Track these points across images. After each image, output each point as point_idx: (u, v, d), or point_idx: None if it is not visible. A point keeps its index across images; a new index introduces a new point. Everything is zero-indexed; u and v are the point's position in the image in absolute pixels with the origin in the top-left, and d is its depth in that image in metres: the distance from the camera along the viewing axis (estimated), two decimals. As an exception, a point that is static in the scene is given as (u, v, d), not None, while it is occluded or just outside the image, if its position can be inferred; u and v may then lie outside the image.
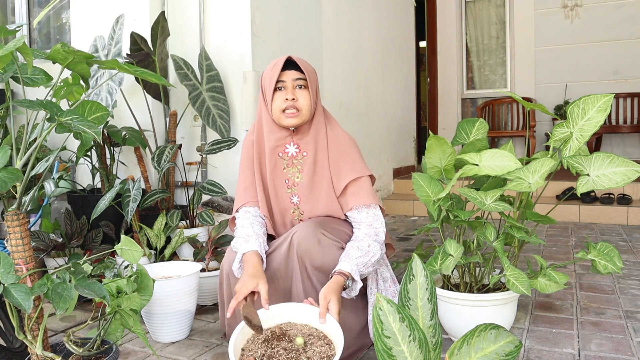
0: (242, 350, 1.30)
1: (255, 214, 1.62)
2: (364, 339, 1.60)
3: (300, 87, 1.56)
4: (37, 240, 2.09)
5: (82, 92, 1.50)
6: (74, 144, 2.58)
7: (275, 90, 1.56)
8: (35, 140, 1.26)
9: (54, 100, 1.34)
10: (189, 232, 2.26)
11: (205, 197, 2.57)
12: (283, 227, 1.66)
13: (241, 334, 1.32)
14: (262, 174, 1.64)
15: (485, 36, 6.19)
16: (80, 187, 2.57)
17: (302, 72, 1.55)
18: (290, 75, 1.54)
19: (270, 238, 1.66)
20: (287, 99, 1.53)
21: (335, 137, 1.63)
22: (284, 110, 1.54)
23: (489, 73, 6.23)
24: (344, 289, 1.40)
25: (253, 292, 1.36)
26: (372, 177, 1.62)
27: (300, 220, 1.64)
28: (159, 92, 2.54)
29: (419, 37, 6.02)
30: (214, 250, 2.12)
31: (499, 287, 1.65)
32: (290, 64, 1.56)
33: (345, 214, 1.62)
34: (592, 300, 2.01)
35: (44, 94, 1.60)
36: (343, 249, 1.54)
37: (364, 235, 1.53)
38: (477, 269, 1.70)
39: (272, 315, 1.37)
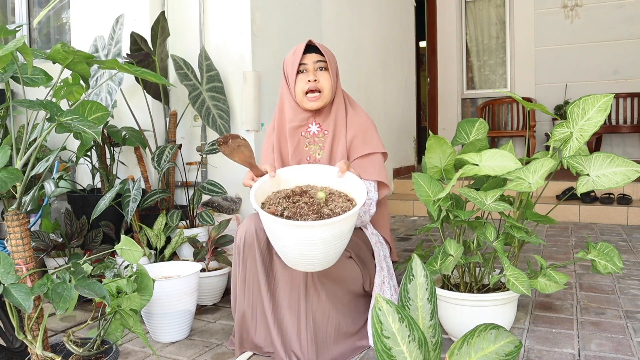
0: (262, 204, 1.27)
1: None
2: (361, 340, 1.61)
3: (321, 69, 1.64)
4: (37, 240, 2.09)
5: (82, 92, 1.50)
6: (74, 144, 2.58)
7: (297, 73, 1.64)
8: (35, 140, 1.26)
9: (54, 100, 1.34)
10: (189, 232, 2.26)
11: (205, 197, 2.57)
12: None
13: (260, 189, 1.28)
14: (282, 155, 1.70)
15: (485, 36, 6.19)
16: (80, 187, 2.57)
17: (322, 54, 1.63)
18: (311, 57, 1.63)
19: None
20: (309, 81, 1.61)
21: (354, 116, 1.71)
22: (306, 93, 1.62)
23: (489, 73, 6.23)
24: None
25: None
26: (384, 154, 1.70)
27: None
28: (159, 92, 2.54)
29: (419, 37, 6.02)
30: (214, 250, 2.12)
31: (499, 287, 1.64)
32: (310, 48, 1.65)
33: None
34: (592, 300, 2.01)
35: (44, 94, 1.60)
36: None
37: None
38: (477, 269, 1.70)
39: (290, 177, 1.35)
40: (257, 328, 1.57)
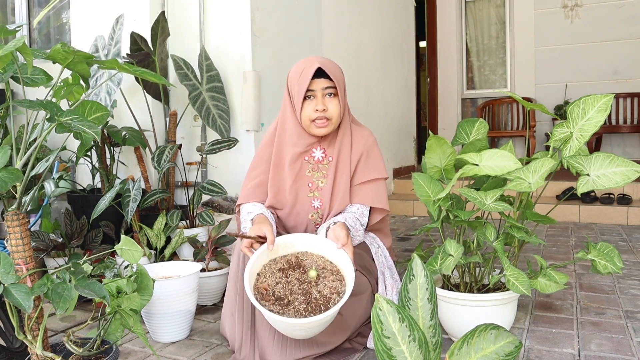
0: (258, 275, 1.32)
1: (260, 206, 1.64)
2: (358, 341, 1.61)
3: (330, 95, 1.54)
4: (37, 240, 2.09)
5: (82, 92, 1.50)
6: (74, 144, 2.58)
7: (304, 98, 1.54)
8: (35, 140, 1.26)
9: (54, 100, 1.34)
10: (189, 232, 2.26)
11: (205, 197, 2.57)
12: (293, 230, 1.67)
13: (258, 259, 1.33)
14: (279, 183, 1.63)
15: (485, 36, 6.19)
16: (80, 187, 2.57)
17: (331, 79, 1.53)
18: (320, 84, 1.52)
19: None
20: (317, 110, 1.51)
21: (358, 138, 1.64)
22: (314, 120, 1.53)
23: (489, 73, 6.23)
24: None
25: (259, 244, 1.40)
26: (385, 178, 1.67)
27: (317, 225, 1.65)
28: (159, 92, 2.54)
29: (419, 37, 6.02)
30: (214, 250, 2.12)
31: (499, 287, 1.64)
32: (318, 72, 1.52)
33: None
34: (592, 300, 2.01)
35: (44, 94, 1.60)
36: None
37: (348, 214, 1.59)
38: (477, 269, 1.70)
39: (290, 243, 1.38)
40: (253, 348, 1.52)
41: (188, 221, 2.40)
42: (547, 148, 1.54)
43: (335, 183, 1.61)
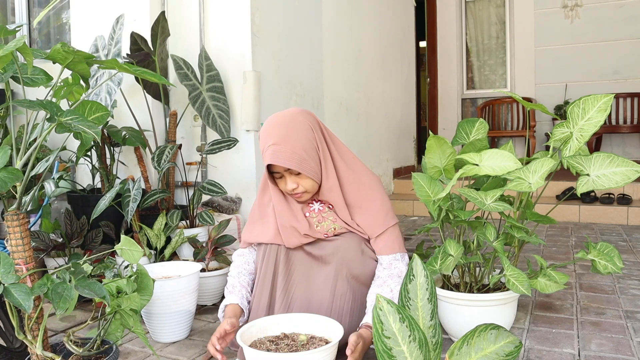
0: (249, 346, 1.33)
1: (249, 258, 1.63)
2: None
3: (297, 174, 1.46)
4: (37, 240, 2.09)
5: (82, 92, 1.50)
6: (74, 144, 2.58)
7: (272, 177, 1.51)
8: (35, 140, 1.26)
9: (54, 100, 1.34)
10: (189, 232, 2.26)
11: (205, 197, 2.57)
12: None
13: (247, 332, 1.34)
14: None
15: (485, 36, 6.20)
16: (80, 187, 2.56)
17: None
18: (280, 167, 1.44)
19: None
20: (288, 189, 1.47)
21: (353, 187, 1.54)
22: (289, 193, 1.50)
23: (489, 73, 6.23)
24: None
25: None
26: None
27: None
28: (159, 92, 2.54)
29: (419, 37, 6.02)
30: (214, 250, 2.12)
31: (499, 287, 1.64)
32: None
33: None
34: (592, 300, 2.01)
35: (44, 94, 1.60)
36: (377, 261, 1.55)
37: (387, 277, 1.51)
38: (477, 269, 1.70)
39: (276, 323, 1.38)
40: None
41: (188, 221, 2.39)
42: (547, 148, 1.54)
43: (351, 227, 1.54)
